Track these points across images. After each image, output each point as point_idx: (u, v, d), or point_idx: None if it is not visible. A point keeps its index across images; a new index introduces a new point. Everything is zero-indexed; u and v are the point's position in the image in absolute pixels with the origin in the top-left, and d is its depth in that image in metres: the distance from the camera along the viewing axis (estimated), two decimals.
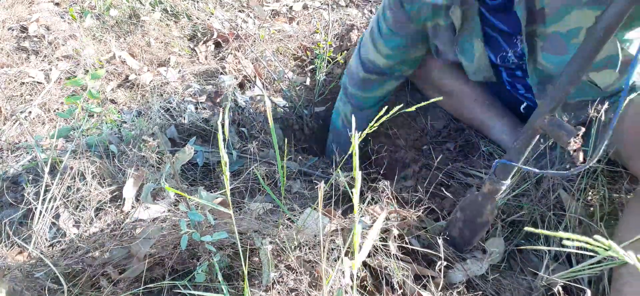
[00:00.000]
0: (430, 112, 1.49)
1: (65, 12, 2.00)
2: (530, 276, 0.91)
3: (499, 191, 0.84)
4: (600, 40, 0.63)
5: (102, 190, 1.01)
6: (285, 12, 2.20)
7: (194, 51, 1.85)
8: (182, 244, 0.77)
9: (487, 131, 1.35)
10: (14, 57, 1.68)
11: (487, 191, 0.85)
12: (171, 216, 0.90)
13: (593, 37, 0.64)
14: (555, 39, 0.93)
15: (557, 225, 0.97)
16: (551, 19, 0.91)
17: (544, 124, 0.71)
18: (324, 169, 1.32)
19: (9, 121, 1.42)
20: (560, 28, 0.91)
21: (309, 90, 1.64)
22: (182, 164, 1.03)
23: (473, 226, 0.91)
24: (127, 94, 1.56)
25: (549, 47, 0.95)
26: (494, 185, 0.83)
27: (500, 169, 0.81)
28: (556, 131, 0.68)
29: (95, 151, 1.14)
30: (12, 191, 1.17)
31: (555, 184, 1.03)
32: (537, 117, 0.72)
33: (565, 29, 0.90)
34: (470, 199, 0.90)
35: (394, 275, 0.84)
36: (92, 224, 0.92)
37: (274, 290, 0.77)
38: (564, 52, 0.94)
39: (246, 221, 0.88)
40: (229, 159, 1.27)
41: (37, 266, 0.82)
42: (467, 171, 1.27)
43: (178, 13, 2.04)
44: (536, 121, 0.72)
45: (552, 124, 0.70)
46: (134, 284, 0.82)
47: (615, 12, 0.60)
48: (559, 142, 0.69)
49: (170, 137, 1.34)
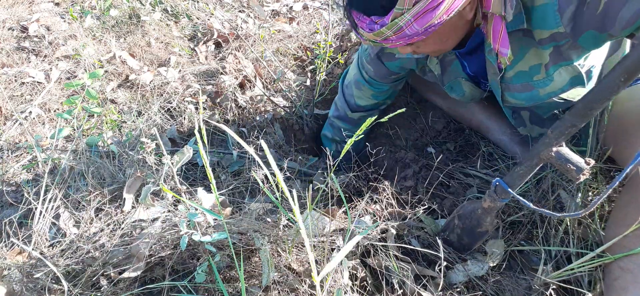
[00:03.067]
0: (430, 113, 1.49)
1: (65, 12, 2.00)
2: (530, 277, 0.91)
3: (499, 207, 0.83)
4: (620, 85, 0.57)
5: (102, 190, 1.01)
6: (285, 12, 2.20)
7: (194, 50, 1.85)
8: (181, 244, 0.77)
9: (486, 132, 1.35)
10: (14, 57, 1.68)
11: (486, 207, 0.84)
12: (171, 217, 0.90)
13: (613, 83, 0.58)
14: (519, 78, 0.96)
15: (557, 226, 0.97)
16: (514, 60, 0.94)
17: (550, 157, 0.67)
18: (323, 170, 1.32)
19: (9, 121, 1.42)
20: (522, 67, 0.94)
21: (309, 90, 1.64)
22: (181, 164, 1.03)
23: (472, 235, 0.91)
24: (127, 94, 1.56)
25: (516, 87, 0.99)
26: (494, 202, 0.81)
27: (500, 188, 0.79)
28: (564, 165, 0.65)
29: (95, 151, 1.14)
30: (12, 191, 1.17)
31: (555, 185, 1.03)
32: (543, 148, 0.68)
33: (527, 66, 0.93)
34: (470, 210, 0.90)
35: (393, 275, 0.84)
36: (92, 224, 0.91)
37: (273, 290, 0.77)
38: (529, 89, 0.97)
39: (246, 221, 0.88)
40: (229, 160, 1.27)
41: (37, 266, 0.82)
42: (467, 171, 1.27)
43: (178, 13, 2.04)
44: (542, 151, 0.69)
45: (559, 158, 0.66)
46: (134, 284, 0.82)
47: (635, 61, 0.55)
48: (566, 175, 0.66)
49: (170, 138, 1.34)
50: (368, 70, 1.25)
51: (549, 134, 0.67)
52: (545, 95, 0.97)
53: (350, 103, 1.38)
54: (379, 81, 1.26)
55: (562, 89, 0.94)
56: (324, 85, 1.66)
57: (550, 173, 1.04)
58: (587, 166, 0.62)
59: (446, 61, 1.11)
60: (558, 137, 0.66)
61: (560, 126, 0.65)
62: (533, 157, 0.71)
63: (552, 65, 0.90)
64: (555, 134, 0.66)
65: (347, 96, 1.38)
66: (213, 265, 0.69)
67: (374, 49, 1.20)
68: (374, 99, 1.33)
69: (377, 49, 1.19)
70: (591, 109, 0.61)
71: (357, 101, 1.35)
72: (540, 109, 1.08)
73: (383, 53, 1.18)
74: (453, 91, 1.18)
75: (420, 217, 0.99)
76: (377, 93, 1.30)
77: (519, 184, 0.76)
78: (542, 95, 0.97)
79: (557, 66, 0.90)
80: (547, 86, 0.94)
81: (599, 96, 0.60)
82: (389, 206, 1.01)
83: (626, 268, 0.78)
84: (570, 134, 0.65)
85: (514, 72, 0.96)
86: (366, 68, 1.25)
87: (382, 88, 1.30)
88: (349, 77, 1.36)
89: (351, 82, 1.34)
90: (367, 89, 1.30)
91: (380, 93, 1.31)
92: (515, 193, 0.76)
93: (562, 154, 0.66)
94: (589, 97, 0.61)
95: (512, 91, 1.00)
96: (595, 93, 0.60)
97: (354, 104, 1.36)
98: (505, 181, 0.77)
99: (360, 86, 1.31)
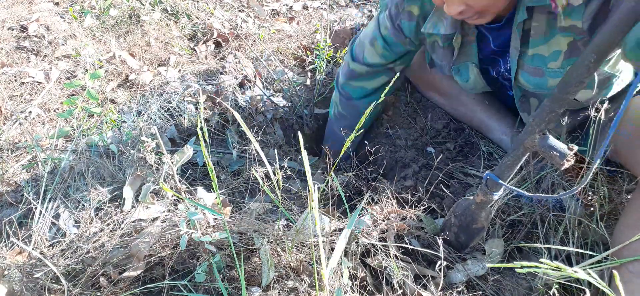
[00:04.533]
0: (430, 112, 1.49)
1: (65, 12, 2.00)
2: (530, 277, 0.91)
3: (492, 202, 0.84)
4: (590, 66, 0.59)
5: (102, 190, 1.01)
6: (285, 12, 2.20)
7: (194, 50, 1.85)
8: (181, 244, 0.77)
9: (487, 131, 1.35)
10: (14, 57, 1.68)
11: (479, 202, 0.84)
12: (171, 216, 0.90)
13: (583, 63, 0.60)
14: (535, 61, 0.97)
15: (557, 226, 0.97)
16: (535, 41, 0.95)
17: (534, 144, 0.67)
18: (324, 170, 1.32)
19: (9, 121, 1.42)
20: (542, 51, 0.95)
21: (309, 90, 1.64)
22: (181, 164, 1.03)
23: (469, 232, 0.91)
24: (127, 94, 1.56)
25: (529, 69, 0.99)
26: (486, 196, 0.82)
27: (491, 181, 0.79)
28: (547, 152, 0.65)
29: (95, 151, 1.14)
30: (12, 191, 1.17)
31: (555, 185, 1.03)
32: (527, 136, 0.69)
33: (547, 52, 0.94)
34: (464, 206, 0.90)
35: (394, 275, 0.84)
36: (92, 224, 0.91)
37: (273, 290, 0.77)
38: (540, 74, 0.98)
39: (246, 221, 0.88)
40: (228, 159, 1.27)
41: (37, 266, 0.82)
42: (467, 171, 1.27)
43: (178, 13, 2.04)
44: (526, 140, 0.69)
45: (543, 145, 0.66)
46: (134, 284, 0.82)
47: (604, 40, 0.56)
48: (551, 162, 0.67)
49: (170, 137, 1.34)
50: (384, 26, 1.22)
51: (531, 122, 0.68)
52: (552, 87, 0.96)
53: (357, 56, 1.33)
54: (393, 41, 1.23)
55: None
56: (324, 85, 1.66)
57: (550, 172, 1.04)
58: (570, 152, 0.62)
59: (466, 41, 1.10)
60: (539, 124, 0.66)
61: (541, 113, 0.66)
62: (518, 146, 0.72)
63: (567, 58, 0.91)
64: (536, 121, 0.67)
65: (357, 49, 1.34)
66: (214, 264, 0.69)
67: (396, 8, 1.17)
68: (384, 58, 1.28)
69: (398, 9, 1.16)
70: (567, 93, 0.61)
71: (366, 55, 1.30)
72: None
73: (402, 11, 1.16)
74: (459, 74, 1.17)
75: (420, 217, 0.99)
76: (389, 52, 1.26)
77: (508, 175, 0.77)
78: (550, 86, 0.97)
79: (571, 59, 0.91)
80: (556, 78, 0.95)
81: (572, 78, 0.60)
82: (388, 206, 1.01)
83: (636, 272, 0.78)
84: (551, 120, 0.65)
85: (534, 51, 0.96)
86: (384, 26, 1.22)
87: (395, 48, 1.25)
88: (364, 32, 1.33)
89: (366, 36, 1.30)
90: (380, 45, 1.26)
91: (391, 53, 1.26)
92: (506, 184, 0.76)
93: (545, 141, 0.66)
94: (563, 80, 0.61)
95: (525, 70, 1.00)
96: (568, 76, 0.61)
97: (362, 58, 1.32)
98: (495, 173, 0.78)
99: (374, 41, 1.27)
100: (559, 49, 0.92)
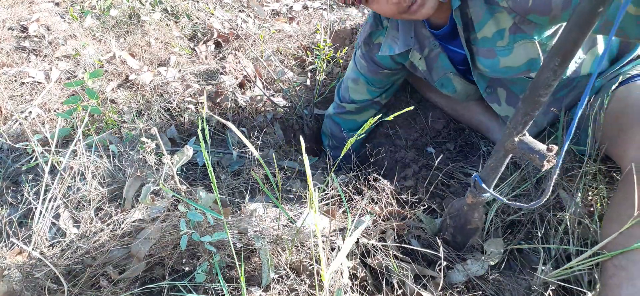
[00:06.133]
0: (430, 112, 1.49)
1: (65, 12, 2.00)
2: (529, 276, 0.91)
3: (482, 202, 0.84)
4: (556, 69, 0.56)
5: (102, 190, 1.01)
6: (285, 12, 2.20)
7: (194, 50, 1.85)
8: (181, 244, 0.77)
9: (486, 131, 1.35)
10: (14, 57, 1.68)
11: (470, 203, 0.85)
12: (171, 216, 0.90)
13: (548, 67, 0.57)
14: (485, 43, 1.00)
15: (556, 225, 0.97)
16: (479, 24, 0.97)
17: (514, 147, 0.67)
18: (324, 170, 1.32)
19: (9, 121, 1.42)
20: (487, 32, 0.98)
21: (309, 90, 1.64)
22: (181, 164, 1.03)
23: (464, 232, 0.91)
24: (127, 94, 1.56)
25: (483, 52, 1.02)
26: (476, 198, 0.82)
27: (479, 183, 0.79)
28: (527, 154, 0.65)
29: (95, 151, 1.14)
30: (12, 191, 1.17)
31: (555, 184, 1.03)
32: (506, 139, 0.68)
33: (493, 31, 0.97)
34: (457, 208, 0.90)
35: (393, 275, 0.84)
36: (92, 224, 0.92)
37: (273, 290, 0.77)
38: (493, 56, 1.00)
39: (246, 221, 0.88)
40: (228, 159, 1.27)
41: (37, 266, 0.82)
42: (467, 171, 1.27)
43: (178, 13, 2.04)
44: (505, 142, 0.69)
45: (522, 147, 0.66)
46: (134, 284, 0.82)
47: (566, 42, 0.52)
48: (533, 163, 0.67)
49: (170, 137, 1.34)
50: (361, 65, 1.27)
51: (508, 125, 0.68)
52: (505, 69, 1.00)
53: (343, 97, 1.39)
54: (373, 77, 1.27)
55: (519, 69, 0.98)
56: (324, 85, 1.66)
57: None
58: (550, 153, 0.62)
59: (431, 56, 1.13)
60: (516, 126, 0.66)
61: (516, 116, 0.66)
62: (499, 149, 0.72)
63: (513, 34, 0.94)
64: (513, 124, 0.67)
65: (342, 90, 1.39)
66: (215, 264, 0.69)
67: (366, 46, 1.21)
68: (369, 94, 1.33)
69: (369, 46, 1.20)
70: (539, 96, 0.60)
71: (351, 94, 1.35)
72: (516, 86, 1.09)
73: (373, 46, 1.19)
74: (444, 87, 1.19)
75: (420, 217, 0.99)
76: (373, 88, 1.31)
77: (493, 177, 0.77)
78: (502, 68, 1.00)
79: (517, 36, 0.94)
80: (506, 57, 0.98)
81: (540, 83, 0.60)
82: (389, 206, 1.01)
83: (620, 266, 0.78)
84: (527, 123, 0.65)
85: (481, 34, 0.99)
86: (360, 63, 1.27)
87: (377, 83, 1.30)
88: (347, 74, 1.38)
89: (348, 78, 1.35)
90: (363, 83, 1.30)
91: (376, 88, 1.31)
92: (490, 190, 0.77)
93: (525, 143, 0.66)
94: (532, 84, 0.61)
95: (480, 55, 1.03)
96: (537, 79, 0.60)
97: (348, 97, 1.37)
98: (480, 175, 0.78)
99: (357, 80, 1.32)
100: (503, 27, 0.95)
